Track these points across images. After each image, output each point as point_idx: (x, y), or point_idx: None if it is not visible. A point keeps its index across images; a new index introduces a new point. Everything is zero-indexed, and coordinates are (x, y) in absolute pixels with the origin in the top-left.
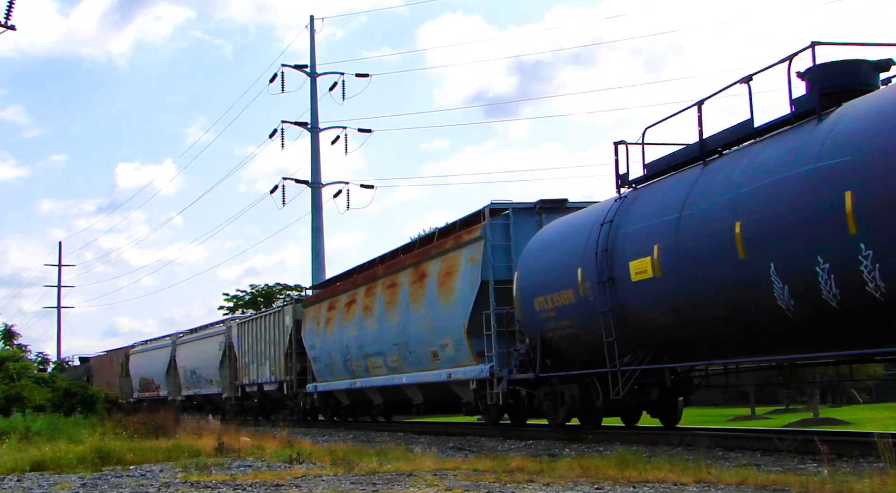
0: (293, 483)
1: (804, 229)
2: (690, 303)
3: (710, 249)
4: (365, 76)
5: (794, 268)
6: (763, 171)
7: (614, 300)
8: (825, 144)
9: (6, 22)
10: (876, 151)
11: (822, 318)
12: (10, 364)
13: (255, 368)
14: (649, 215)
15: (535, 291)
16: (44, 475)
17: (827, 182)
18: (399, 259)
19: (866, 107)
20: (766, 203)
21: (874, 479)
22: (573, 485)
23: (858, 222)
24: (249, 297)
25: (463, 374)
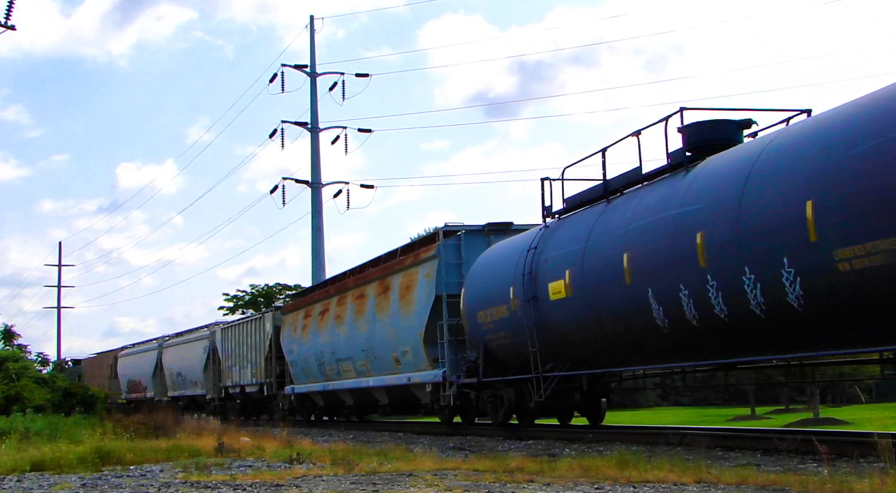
0: (293, 483)
1: (671, 262)
2: (594, 321)
3: (607, 275)
4: (365, 76)
5: (666, 293)
6: (645, 211)
7: (537, 316)
8: (687, 192)
9: (6, 22)
10: (720, 201)
11: (687, 334)
12: (10, 364)
13: (238, 371)
14: (564, 244)
15: (479, 305)
16: (44, 476)
17: (686, 224)
18: (367, 272)
19: (720, 162)
20: (646, 239)
21: (874, 479)
22: (573, 485)
23: (706, 257)
24: (249, 297)
25: (420, 378)
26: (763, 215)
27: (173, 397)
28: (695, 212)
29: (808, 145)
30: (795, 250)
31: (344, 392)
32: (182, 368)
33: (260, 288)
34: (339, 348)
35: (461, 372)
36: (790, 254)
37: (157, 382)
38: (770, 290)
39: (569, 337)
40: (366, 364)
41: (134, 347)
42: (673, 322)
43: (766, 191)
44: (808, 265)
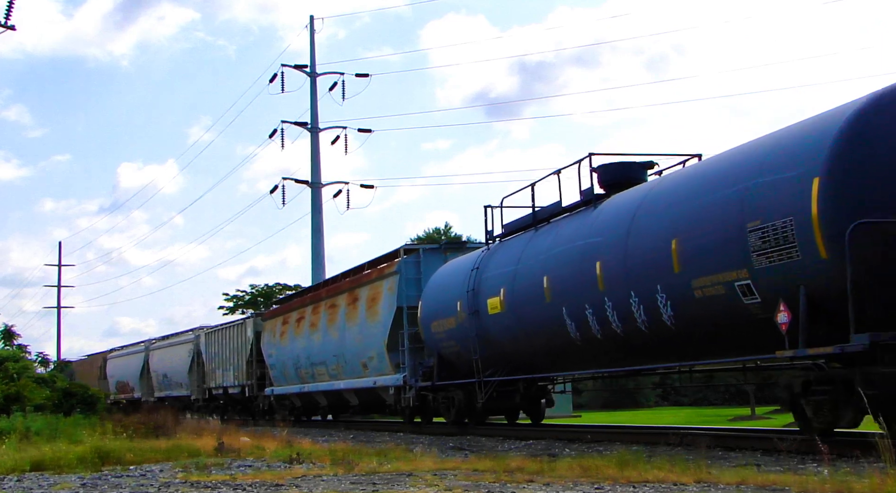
0: (293, 483)
1: (579, 284)
2: (523, 333)
3: (532, 294)
4: (365, 76)
5: (576, 311)
6: (562, 240)
7: (479, 327)
8: (592, 225)
9: (6, 22)
10: (614, 235)
11: (594, 346)
12: (9, 364)
13: (221, 373)
14: (500, 265)
15: (433, 316)
16: (44, 475)
17: (590, 253)
18: (339, 284)
19: (618, 201)
20: (561, 264)
21: (874, 479)
22: (573, 485)
23: (604, 282)
24: (249, 297)
25: (384, 381)
26: (643, 249)
27: (159, 397)
28: (596, 243)
29: (677, 191)
30: (665, 279)
31: (318, 394)
32: (168, 370)
33: (260, 288)
34: (314, 353)
35: (419, 376)
36: (661, 282)
37: (144, 383)
38: (650, 311)
39: (505, 347)
40: (337, 368)
41: (122, 349)
42: (582, 336)
43: (645, 228)
44: (674, 292)
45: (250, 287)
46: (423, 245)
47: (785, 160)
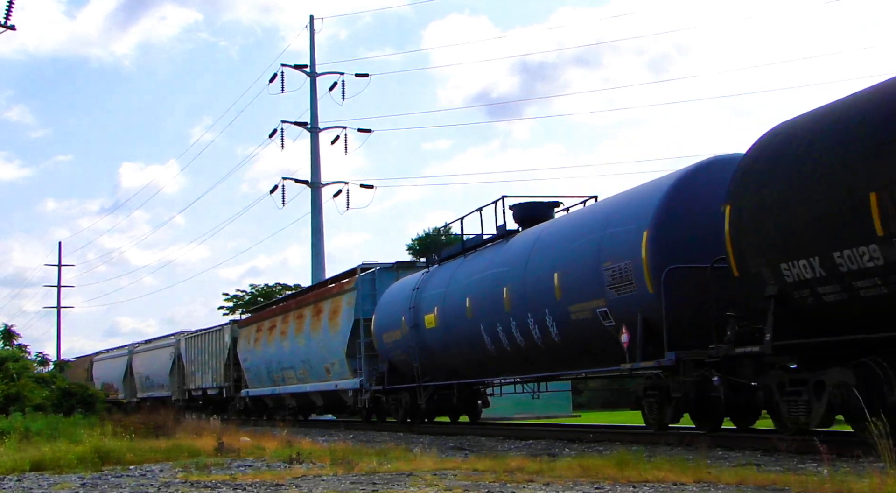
0: (293, 483)
1: (491, 305)
2: (453, 345)
3: (458, 312)
4: (365, 76)
5: (490, 327)
6: (481, 268)
7: (418, 339)
8: (503, 257)
9: (6, 22)
10: (517, 266)
11: (505, 356)
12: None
13: (200, 375)
14: (435, 287)
15: (384, 328)
16: (44, 475)
17: (500, 280)
18: (306, 296)
19: (523, 237)
20: (480, 288)
21: (874, 479)
22: (573, 485)
23: (509, 304)
24: (249, 297)
25: (344, 385)
26: (536, 279)
27: (142, 398)
28: (504, 272)
29: (561, 233)
30: (551, 304)
31: (288, 395)
32: (150, 372)
33: (260, 288)
34: (284, 359)
35: (373, 381)
36: (549, 306)
37: (128, 384)
38: (542, 329)
39: (439, 356)
40: (304, 373)
41: (108, 352)
42: (496, 348)
43: (538, 262)
44: (558, 315)
45: (250, 287)
46: (379, 264)
47: (626, 216)
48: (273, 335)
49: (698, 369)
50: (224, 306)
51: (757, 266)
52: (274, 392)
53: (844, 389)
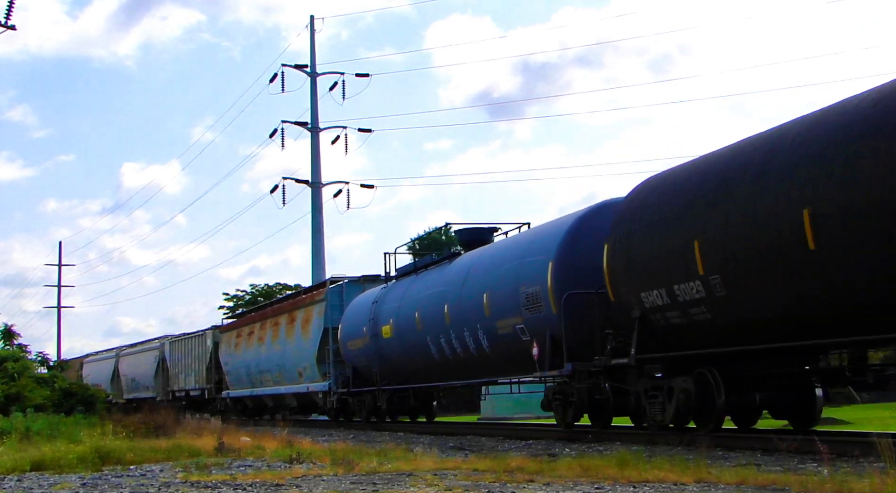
0: (293, 483)
1: (436, 319)
2: (406, 353)
3: (409, 325)
4: (365, 76)
5: (435, 339)
6: (429, 286)
7: (377, 348)
8: (446, 277)
9: (6, 22)
10: (456, 286)
11: (448, 364)
12: (9, 364)
13: (183, 377)
14: (391, 301)
15: (348, 337)
16: (44, 475)
17: (442, 298)
18: (282, 305)
19: (463, 260)
20: (427, 304)
21: (874, 479)
22: (573, 485)
23: (449, 319)
24: (249, 297)
25: (315, 387)
26: (470, 298)
27: (128, 399)
28: (446, 291)
29: (492, 258)
30: (482, 320)
31: (266, 397)
32: (136, 374)
33: (260, 288)
34: (262, 363)
35: (340, 384)
36: (480, 322)
37: (115, 386)
38: (476, 341)
39: (395, 363)
40: (280, 376)
41: (97, 355)
42: (440, 357)
43: (472, 283)
44: (488, 329)
45: (250, 287)
46: (346, 277)
47: (537, 249)
48: (252, 341)
49: (591, 377)
50: (224, 306)
51: (626, 294)
52: (253, 394)
53: (687, 393)
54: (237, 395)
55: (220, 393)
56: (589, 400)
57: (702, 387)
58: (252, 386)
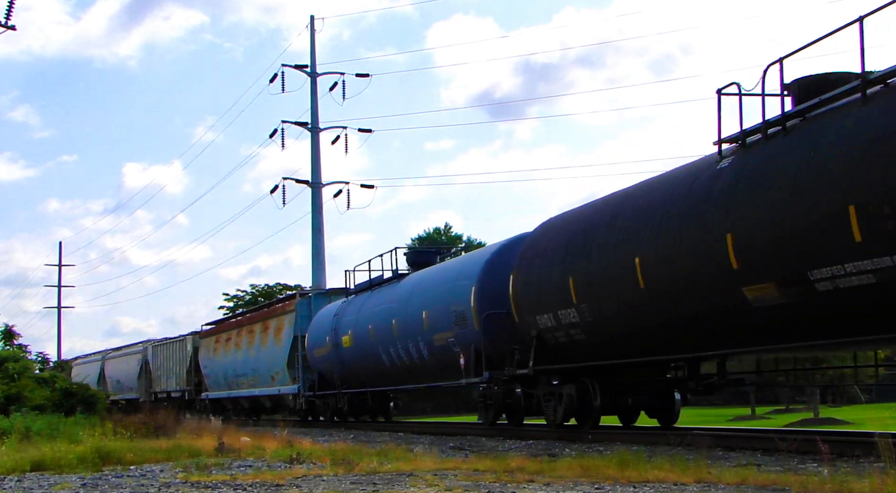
0: (293, 483)
1: (386, 332)
2: (363, 360)
3: (365, 336)
4: (365, 76)
5: (386, 348)
6: (380, 302)
7: (339, 355)
8: (395, 295)
9: (6, 22)
10: (401, 303)
11: (396, 371)
12: (9, 364)
13: (165, 380)
14: (350, 314)
15: (315, 345)
16: (44, 475)
17: (390, 313)
18: (258, 314)
19: (408, 280)
20: (379, 318)
21: (874, 479)
22: (573, 485)
23: (396, 332)
24: (250, 297)
25: (286, 390)
26: (413, 314)
27: (113, 400)
28: (394, 307)
29: (431, 279)
30: (423, 334)
31: (242, 398)
32: (121, 376)
33: (260, 288)
34: (238, 367)
35: (307, 387)
36: (421, 335)
37: (101, 387)
38: (418, 351)
39: (354, 369)
40: (255, 379)
41: (85, 357)
42: (391, 364)
43: (414, 302)
44: (427, 341)
45: (251, 287)
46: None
47: (464, 274)
48: (230, 347)
49: (504, 383)
50: (224, 306)
51: (525, 316)
52: (230, 395)
53: (570, 397)
54: (216, 396)
55: (200, 395)
56: (504, 402)
57: (582, 392)
58: (229, 388)
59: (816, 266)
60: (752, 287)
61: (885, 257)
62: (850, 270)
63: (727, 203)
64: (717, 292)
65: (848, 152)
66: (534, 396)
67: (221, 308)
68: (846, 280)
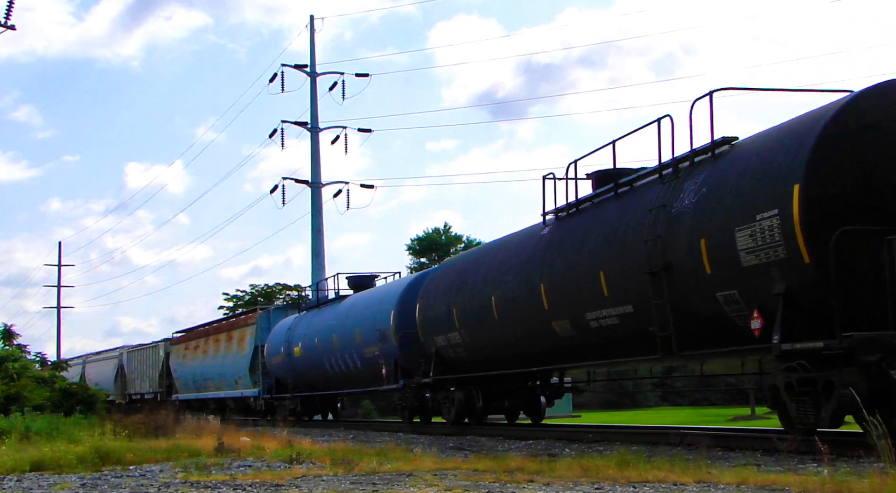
0: (293, 483)
1: (329, 345)
2: (311, 368)
3: (312, 347)
4: (365, 76)
5: (329, 358)
6: (324, 319)
7: (291, 364)
8: (336, 314)
9: (6, 22)
10: (341, 321)
11: (337, 377)
12: (9, 364)
13: (139, 382)
14: (301, 329)
15: (272, 354)
16: (43, 475)
17: (332, 330)
18: (224, 324)
19: (347, 301)
20: (323, 333)
21: (874, 479)
22: (573, 485)
23: (337, 346)
24: (249, 297)
25: (248, 393)
26: (348, 331)
27: None
28: (335, 324)
29: (362, 303)
30: (356, 348)
31: (209, 399)
32: (99, 379)
33: (260, 288)
34: (206, 371)
35: (266, 391)
36: (354, 348)
37: None
38: (353, 362)
39: (304, 375)
40: (220, 383)
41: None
42: (333, 371)
43: (350, 321)
44: (360, 354)
45: (250, 287)
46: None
47: (387, 299)
48: (198, 353)
49: (416, 389)
50: (224, 306)
51: (427, 336)
52: (198, 397)
53: (459, 401)
54: (185, 398)
55: (171, 396)
56: (415, 405)
57: (469, 397)
58: (197, 391)
59: (588, 310)
60: (557, 322)
61: (621, 306)
62: (605, 314)
63: (542, 261)
64: (538, 324)
65: (602, 234)
66: (436, 399)
67: (221, 308)
68: (604, 320)
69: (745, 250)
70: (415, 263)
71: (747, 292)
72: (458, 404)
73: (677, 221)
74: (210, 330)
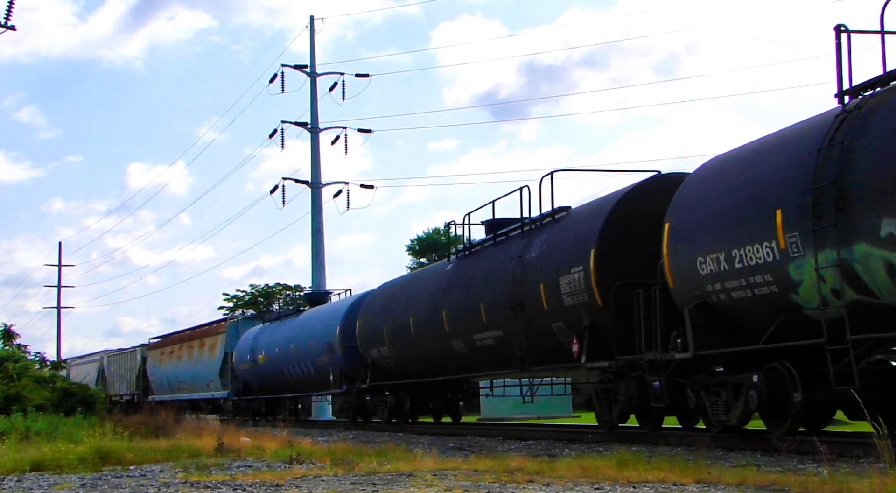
0: (293, 483)
1: (286, 355)
2: (273, 373)
3: (274, 355)
4: (365, 76)
5: (287, 365)
6: (285, 330)
7: (256, 370)
8: (295, 325)
9: (6, 22)
10: (301, 331)
11: (296, 381)
12: (9, 364)
13: (118, 385)
14: (265, 338)
15: (240, 360)
16: (44, 476)
17: (290, 341)
18: (196, 332)
19: (304, 315)
20: (283, 343)
21: (874, 479)
22: (573, 485)
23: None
24: (249, 297)
25: (218, 395)
26: (303, 343)
27: None
28: (293, 336)
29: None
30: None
31: (183, 401)
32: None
33: (260, 288)
34: (180, 375)
35: (235, 393)
36: (308, 357)
37: None
38: (308, 369)
39: (267, 380)
40: (194, 385)
41: None
42: (291, 376)
43: (304, 334)
44: (313, 362)
45: (250, 288)
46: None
47: (335, 315)
48: (173, 358)
49: (357, 393)
50: (224, 306)
51: (365, 349)
52: (173, 398)
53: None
54: (160, 399)
55: (147, 397)
56: (357, 406)
57: (398, 400)
58: (172, 392)
59: (475, 333)
60: (455, 341)
61: (495, 331)
62: (485, 336)
63: (445, 292)
64: (442, 343)
65: (483, 273)
66: (373, 402)
67: (221, 308)
68: (485, 341)
69: (566, 293)
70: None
71: (569, 324)
72: (390, 407)
73: (528, 268)
74: (184, 337)
